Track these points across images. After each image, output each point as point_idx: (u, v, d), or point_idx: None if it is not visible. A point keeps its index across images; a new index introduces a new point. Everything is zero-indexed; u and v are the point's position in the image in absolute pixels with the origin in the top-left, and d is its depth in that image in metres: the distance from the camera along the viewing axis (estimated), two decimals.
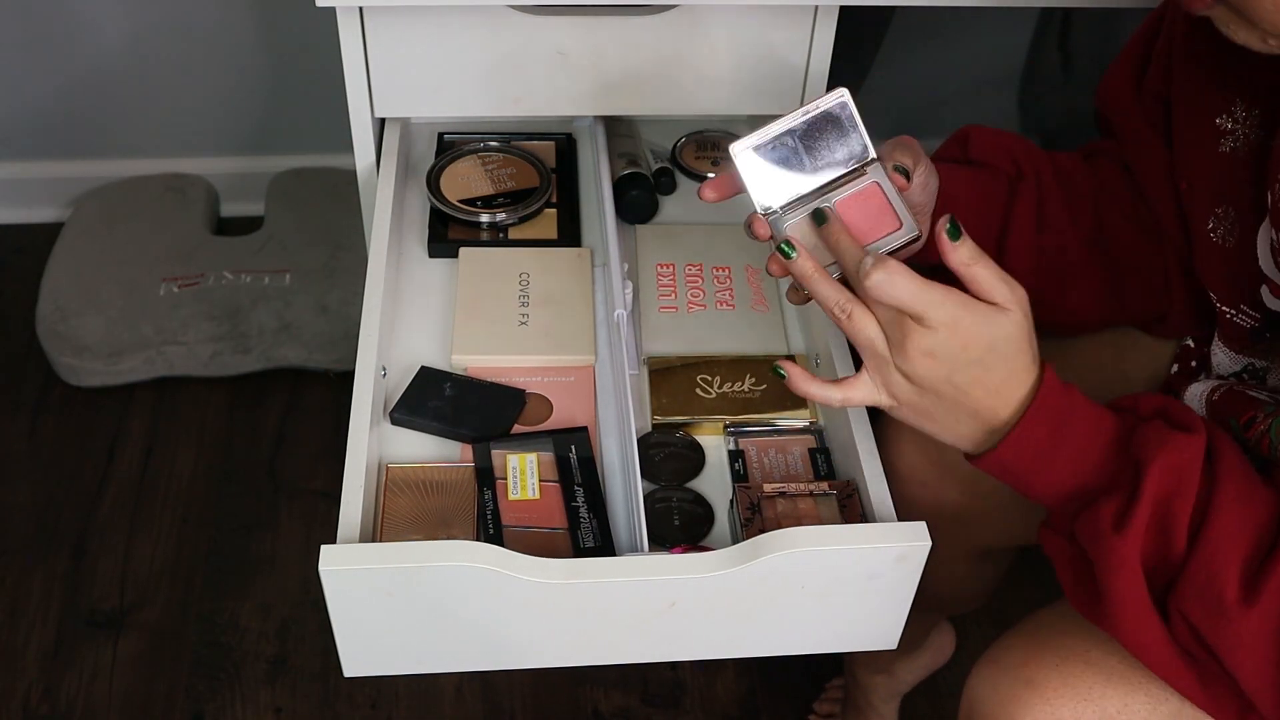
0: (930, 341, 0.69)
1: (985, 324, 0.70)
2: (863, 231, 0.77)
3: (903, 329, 0.70)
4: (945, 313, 0.69)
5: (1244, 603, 0.67)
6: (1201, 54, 0.82)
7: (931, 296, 0.69)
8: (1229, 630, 0.68)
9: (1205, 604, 0.69)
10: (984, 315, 0.70)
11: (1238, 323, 0.84)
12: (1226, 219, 0.82)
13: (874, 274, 0.69)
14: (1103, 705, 0.76)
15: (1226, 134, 0.81)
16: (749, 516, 0.85)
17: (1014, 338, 0.71)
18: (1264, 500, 0.70)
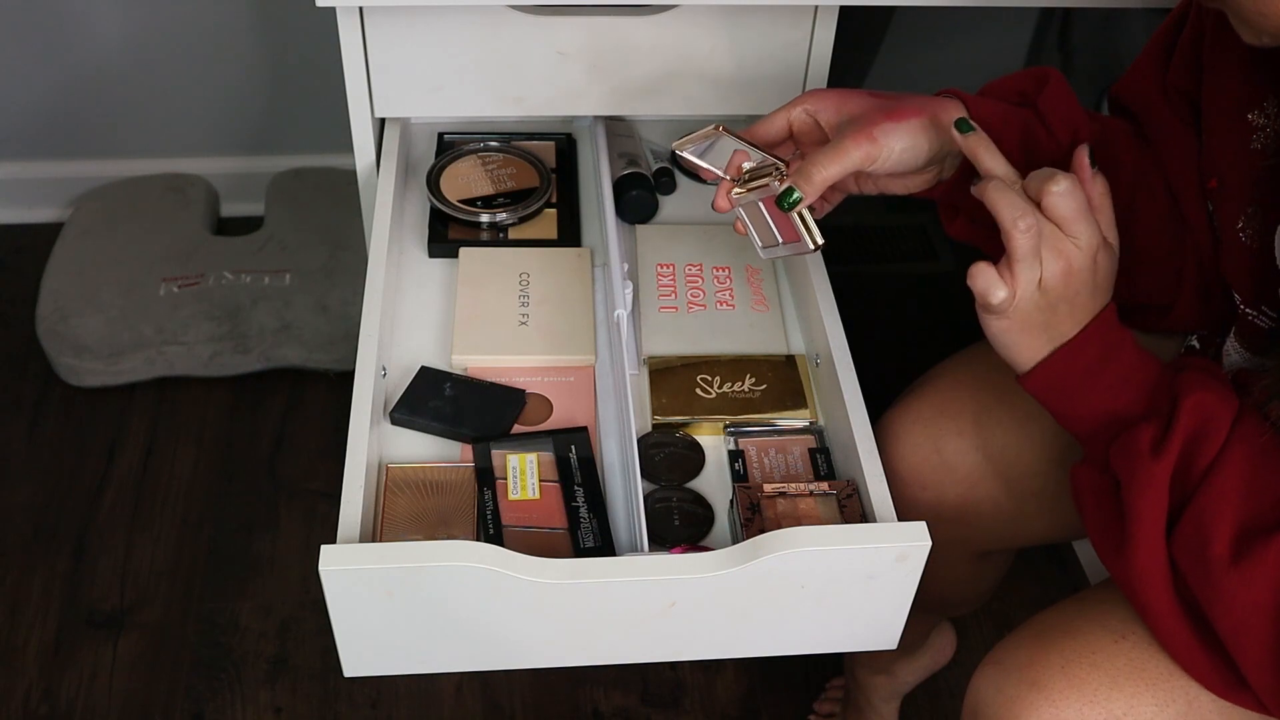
0: (1073, 256, 0.74)
1: (1110, 258, 0.77)
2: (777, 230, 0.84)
3: (1056, 240, 0.74)
4: (1090, 238, 0.74)
5: (1229, 561, 0.69)
6: (1233, 49, 0.81)
7: (1086, 214, 0.74)
8: (1209, 584, 0.70)
9: (1192, 552, 0.71)
10: (1109, 251, 0.76)
11: (1258, 323, 0.84)
12: (1256, 218, 0.82)
13: (1061, 182, 0.73)
14: (1109, 707, 0.75)
15: (1258, 130, 0.80)
16: (749, 516, 0.85)
17: (1114, 271, 0.77)
18: (1272, 467, 0.71)
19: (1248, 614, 0.70)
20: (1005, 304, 0.75)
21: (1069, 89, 0.88)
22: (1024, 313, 0.75)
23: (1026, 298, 0.75)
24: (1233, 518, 0.70)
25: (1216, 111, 0.84)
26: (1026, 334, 0.76)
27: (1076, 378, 0.77)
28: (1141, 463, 0.73)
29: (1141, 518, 0.73)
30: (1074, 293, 0.75)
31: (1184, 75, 0.87)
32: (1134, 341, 0.78)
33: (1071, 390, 0.77)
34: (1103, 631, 0.78)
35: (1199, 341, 0.95)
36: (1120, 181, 0.88)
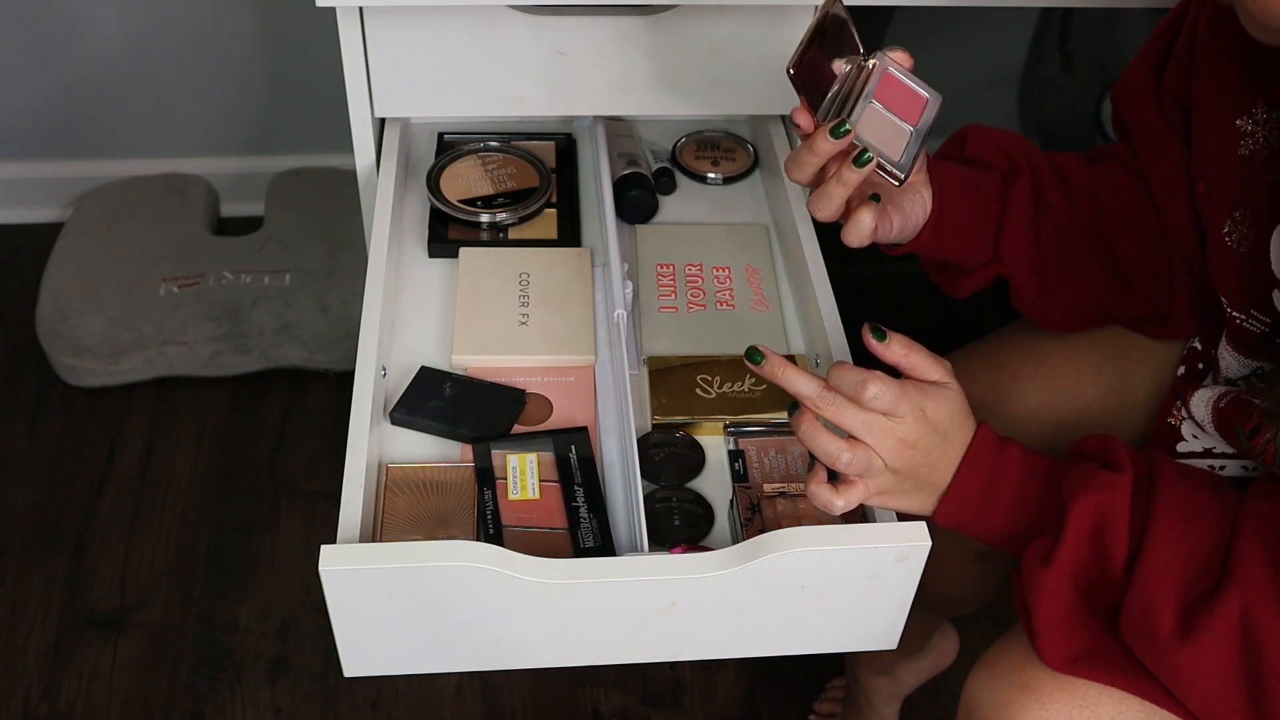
0: (905, 432, 0.76)
1: (942, 402, 0.77)
2: (904, 114, 0.81)
3: (883, 429, 0.76)
4: (910, 404, 0.75)
5: (1179, 637, 0.70)
6: (1225, 55, 0.81)
7: (900, 392, 0.75)
8: (1167, 663, 0.72)
9: (1143, 638, 0.72)
10: (937, 395, 0.77)
11: (1248, 328, 0.84)
12: (1243, 223, 0.82)
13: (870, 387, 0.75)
14: (1098, 711, 0.76)
15: (1247, 136, 0.81)
16: (749, 516, 0.85)
17: (962, 406, 0.78)
18: (1204, 532, 0.73)
19: (1212, 687, 0.71)
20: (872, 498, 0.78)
21: (988, 128, 0.92)
22: (889, 490, 0.78)
23: (881, 483, 0.77)
24: (1173, 594, 0.71)
25: (1206, 116, 0.84)
26: (908, 498, 0.79)
27: (969, 513, 0.79)
28: (1035, 574, 0.75)
29: (1038, 622, 0.75)
30: (925, 452, 0.77)
31: (1178, 80, 0.87)
32: (1017, 456, 0.78)
33: (971, 520, 0.79)
34: None
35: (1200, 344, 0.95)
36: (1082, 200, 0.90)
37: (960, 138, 0.92)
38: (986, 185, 0.88)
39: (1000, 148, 0.90)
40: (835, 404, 0.75)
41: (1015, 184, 0.89)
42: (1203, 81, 0.84)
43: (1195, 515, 0.74)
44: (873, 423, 0.76)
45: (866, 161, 0.78)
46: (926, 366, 0.78)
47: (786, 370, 0.77)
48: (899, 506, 0.80)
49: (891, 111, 0.81)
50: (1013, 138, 0.91)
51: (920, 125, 0.82)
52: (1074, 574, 0.74)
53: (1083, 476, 0.76)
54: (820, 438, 0.76)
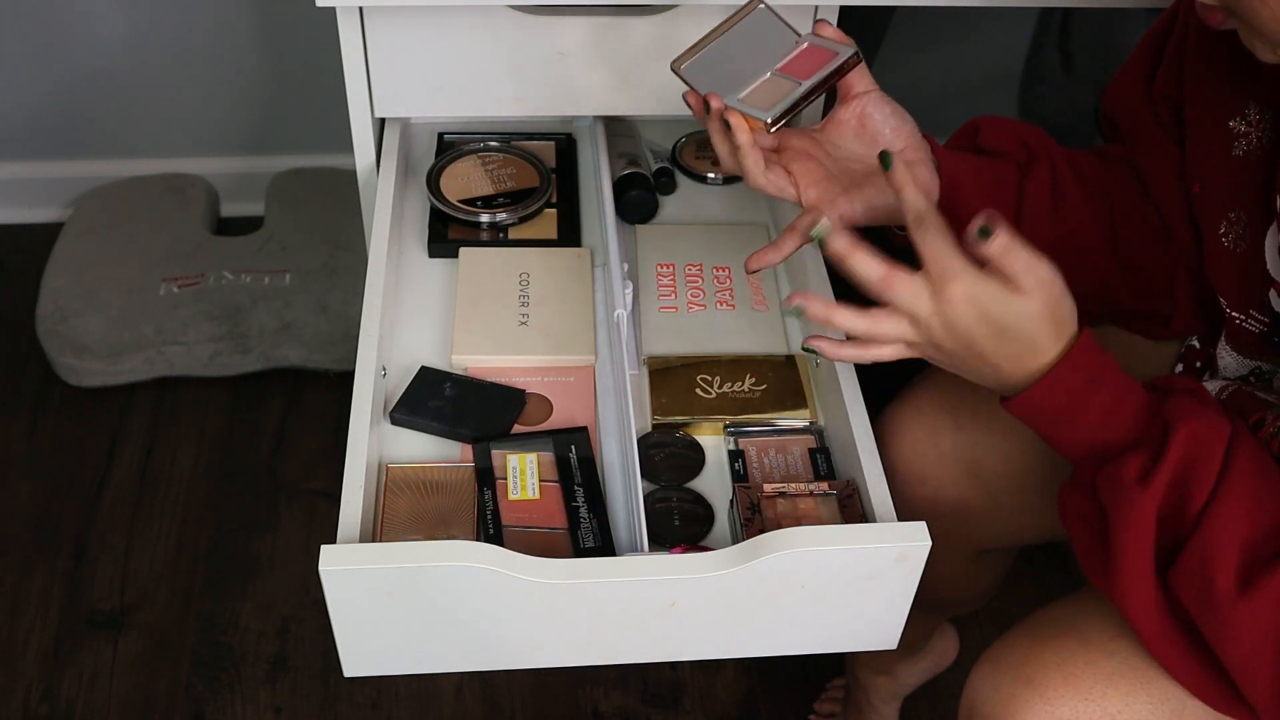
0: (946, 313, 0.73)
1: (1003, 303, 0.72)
2: (806, 71, 0.85)
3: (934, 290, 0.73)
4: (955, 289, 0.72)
5: (1236, 593, 0.69)
6: (1216, 56, 0.81)
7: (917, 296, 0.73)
8: (1216, 618, 0.70)
9: (1196, 587, 0.70)
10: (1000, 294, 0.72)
11: (1246, 328, 0.84)
12: (1239, 223, 0.82)
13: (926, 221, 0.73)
14: (1104, 705, 0.76)
15: (1240, 137, 0.81)
16: (749, 516, 0.85)
17: (1033, 316, 0.73)
18: (1273, 494, 0.71)
19: (1257, 644, 0.69)
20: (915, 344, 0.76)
21: (1001, 118, 0.91)
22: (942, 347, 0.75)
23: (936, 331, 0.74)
24: (1236, 550, 0.69)
25: (1199, 118, 0.84)
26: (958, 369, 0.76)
27: (1060, 406, 0.75)
28: (1128, 494, 0.72)
29: (1127, 550, 0.72)
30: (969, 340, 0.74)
31: (1170, 82, 0.87)
32: (1117, 368, 0.76)
33: (1057, 417, 0.76)
34: (1098, 630, 0.78)
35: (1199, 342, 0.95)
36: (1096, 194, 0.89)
37: (972, 129, 0.91)
38: (1003, 175, 0.87)
39: (1017, 137, 0.89)
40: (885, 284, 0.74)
41: (1033, 174, 0.88)
42: (1195, 83, 0.84)
43: (1269, 482, 0.72)
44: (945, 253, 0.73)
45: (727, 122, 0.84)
46: (1017, 268, 0.72)
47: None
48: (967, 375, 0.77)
49: (789, 75, 0.86)
50: (1030, 128, 0.90)
51: (814, 79, 0.85)
52: (1162, 501, 0.71)
53: (1190, 406, 0.73)
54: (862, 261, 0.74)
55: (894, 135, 0.85)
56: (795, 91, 0.85)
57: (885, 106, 0.86)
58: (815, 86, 0.84)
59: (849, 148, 0.87)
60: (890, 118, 0.85)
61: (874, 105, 0.86)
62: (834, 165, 0.87)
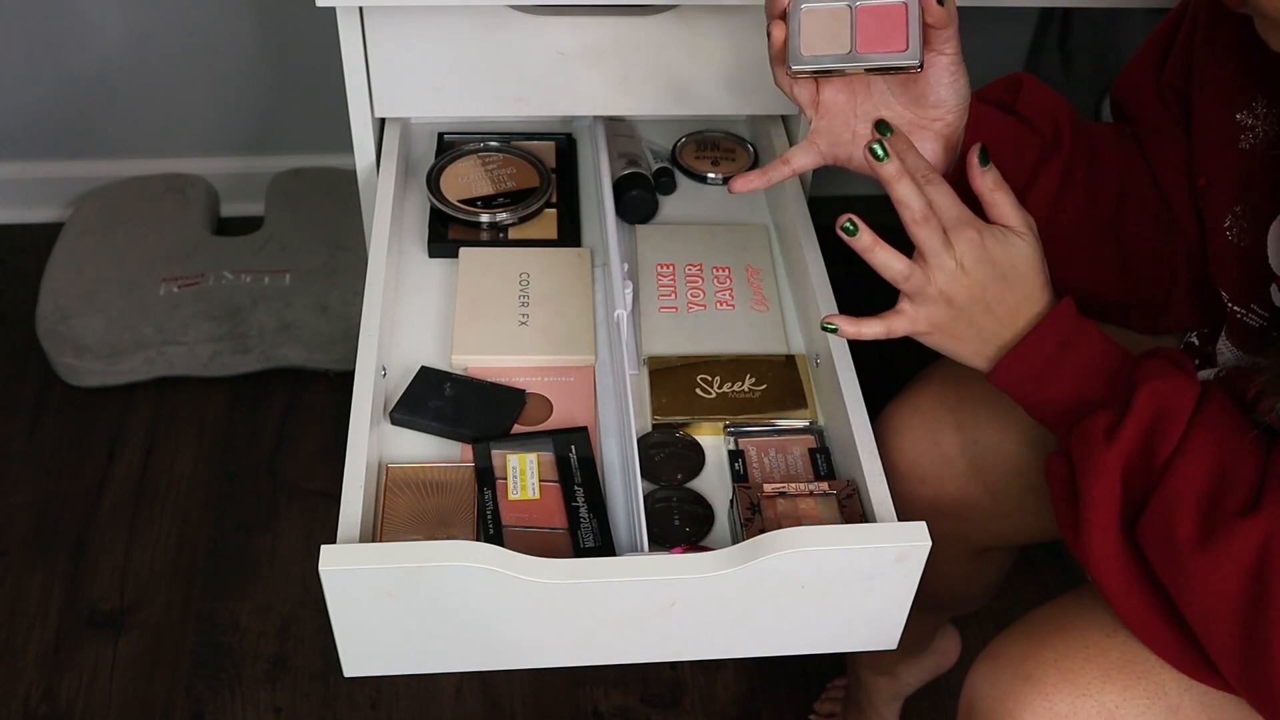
0: (961, 255, 0.77)
1: (1005, 244, 0.78)
2: (869, 41, 0.81)
3: (943, 249, 0.77)
4: (974, 228, 0.77)
5: (1195, 543, 0.70)
6: (1224, 49, 0.81)
7: (968, 215, 0.77)
8: (1176, 568, 0.71)
9: (1159, 539, 0.72)
10: (1002, 236, 0.78)
11: (1247, 322, 0.84)
12: (1243, 217, 0.82)
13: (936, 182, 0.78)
14: (1101, 700, 0.76)
15: (1247, 130, 0.81)
16: (749, 516, 0.85)
17: (1030, 258, 0.79)
18: (1239, 456, 0.72)
19: (1214, 601, 0.70)
20: (922, 329, 0.79)
21: (1044, 85, 0.89)
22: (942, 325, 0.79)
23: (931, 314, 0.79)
24: (1197, 502, 0.71)
25: (1206, 110, 0.84)
26: (960, 341, 0.80)
27: (1037, 368, 0.78)
28: (1094, 448, 0.74)
29: (1093, 502, 0.74)
30: (981, 286, 0.78)
31: (1178, 74, 0.87)
32: (1097, 332, 0.79)
33: (1033, 381, 0.79)
34: (1096, 626, 0.78)
35: (1198, 339, 0.95)
36: (1107, 184, 0.89)
37: (1014, 84, 0.89)
38: (1024, 149, 0.87)
39: (1051, 114, 0.88)
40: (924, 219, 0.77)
41: (1050, 161, 0.87)
42: (1202, 76, 0.84)
43: (1234, 438, 0.73)
44: (934, 242, 0.77)
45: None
46: (1008, 209, 0.79)
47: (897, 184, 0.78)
48: (950, 349, 0.80)
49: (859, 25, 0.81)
50: (1065, 108, 0.89)
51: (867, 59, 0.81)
52: (1127, 458, 0.73)
53: (1158, 367, 0.76)
54: (880, 251, 0.78)
55: (936, 105, 0.83)
56: (839, 57, 0.81)
57: (946, 76, 0.82)
58: (860, 66, 0.81)
59: (889, 95, 0.85)
60: (945, 89, 0.83)
61: (939, 71, 0.82)
62: (865, 103, 0.85)
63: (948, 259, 0.77)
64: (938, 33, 0.80)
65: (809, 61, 0.81)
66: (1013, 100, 0.88)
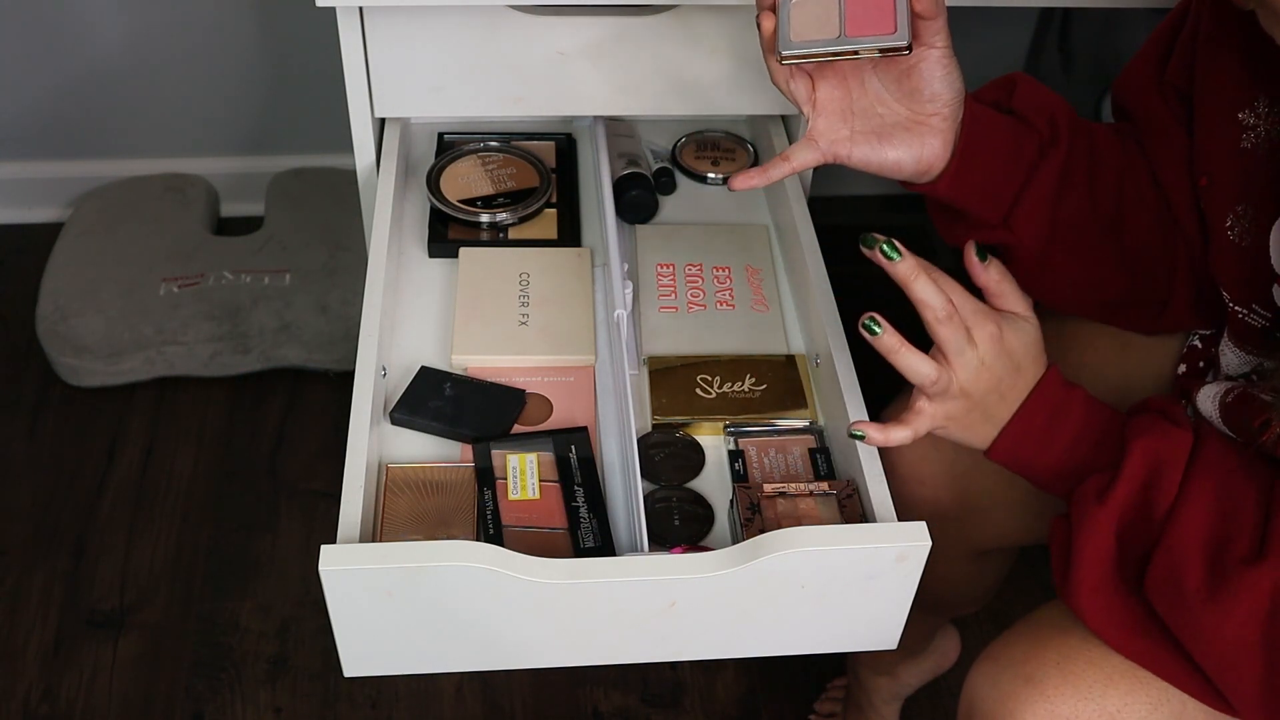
0: (983, 354, 0.78)
1: (1019, 333, 0.79)
2: (857, 23, 0.80)
3: (967, 348, 0.78)
4: (993, 325, 0.78)
5: (1206, 594, 0.70)
6: (1226, 48, 0.81)
7: (987, 312, 0.78)
8: (1189, 620, 0.71)
9: (1167, 593, 0.72)
10: (1015, 324, 0.79)
11: (1249, 322, 0.84)
12: (1245, 217, 0.82)
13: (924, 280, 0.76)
14: (1103, 703, 0.76)
15: (1249, 129, 0.81)
16: (749, 516, 0.85)
17: (1037, 341, 0.80)
18: (1243, 499, 0.72)
19: (1232, 650, 0.70)
20: (940, 426, 0.80)
21: (1040, 84, 0.89)
22: (959, 419, 0.80)
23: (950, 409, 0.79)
24: (1203, 552, 0.71)
25: (1208, 110, 0.84)
26: (971, 430, 0.81)
27: (1030, 442, 0.80)
28: (1086, 509, 0.75)
29: (1083, 560, 0.75)
30: (997, 379, 0.78)
31: (1181, 73, 0.87)
32: (1083, 398, 0.80)
33: (1029, 454, 0.80)
34: None
35: (1201, 341, 0.95)
36: (1106, 181, 0.89)
37: (1009, 84, 0.89)
38: (1022, 147, 0.86)
39: (1048, 113, 0.87)
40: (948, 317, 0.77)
41: (1049, 156, 0.86)
42: (1204, 75, 0.84)
43: (1237, 481, 0.74)
44: (959, 340, 0.77)
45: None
46: (1014, 297, 0.80)
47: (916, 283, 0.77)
48: (961, 437, 0.81)
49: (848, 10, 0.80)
50: (1062, 105, 0.88)
51: (856, 41, 0.80)
52: (1120, 515, 0.74)
53: (1148, 423, 0.76)
54: (906, 354, 0.78)
55: (931, 99, 0.82)
56: (829, 42, 0.80)
57: (938, 69, 0.81)
58: (850, 50, 0.80)
59: (884, 92, 0.84)
60: (938, 82, 0.82)
61: (930, 64, 0.81)
62: (860, 100, 0.84)
63: (971, 356, 0.77)
64: (927, 24, 0.79)
65: (799, 47, 0.81)
66: (1008, 100, 0.88)
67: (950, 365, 0.77)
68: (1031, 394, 0.79)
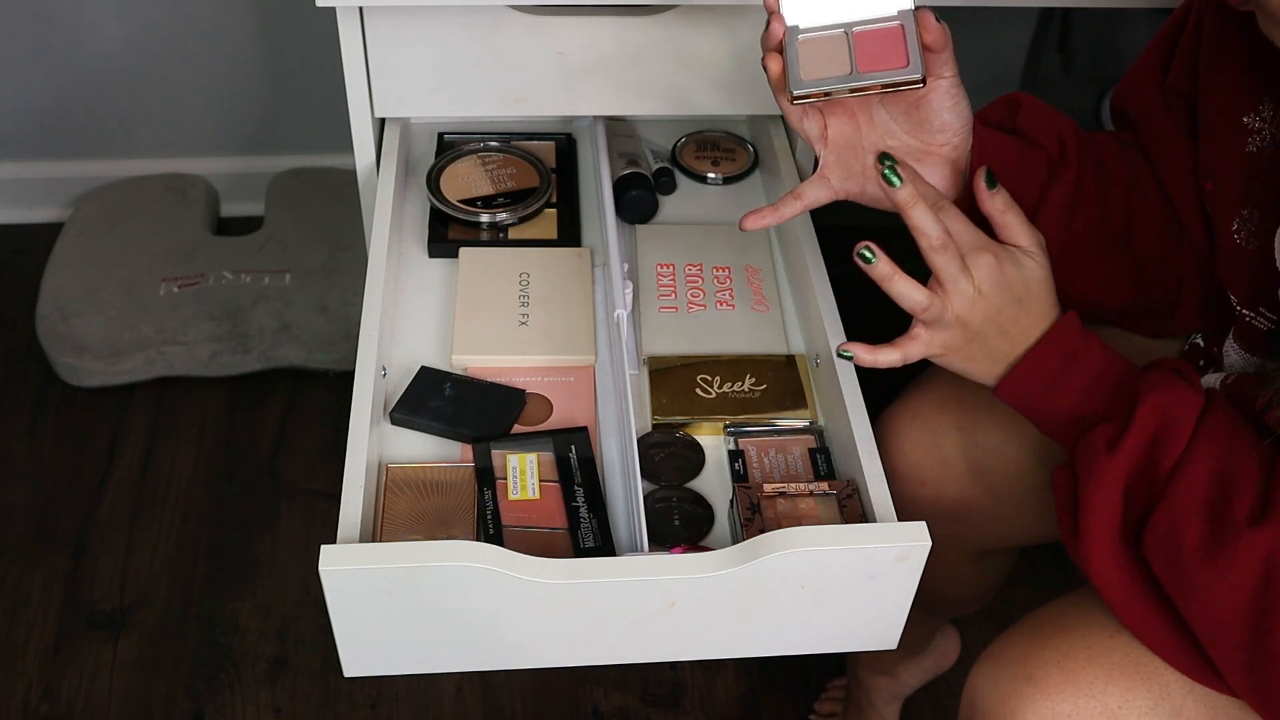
0: (979, 280, 0.77)
1: (1019, 267, 0.78)
2: (869, 61, 0.80)
3: (961, 275, 0.77)
4: (990, 252, 0.77)
5: (1202, 553, 0.70)
6: (1231, 52, 0.81)
7: (983, 240, 0.78)
8: (1182, 578, 0.71)
9: (1165, 550, 0.72)
10: (1016, 258, 0.79)
11: (1255, 325, 0.84)
12: (1250, 221, 0.82)
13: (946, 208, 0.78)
14: (1104, 701, 0.76)
15: (1253, 133, 0.81)
16: (749, 516, 0.85)
17: (1043, 279, 0.79)
18: (1246, 464, 0.72)
19: (1221, 612, 0.70)
20: (937, 352, 0.79)
21: (1043, 103, 0.89)
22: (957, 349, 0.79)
23: (946, 338, 0.79)
24: (1203, 511, 0.71)
25: (1213, 114, 0.84)
26: (974, 362, 0.80)
27: (1042, 383, 0.79)
28: (1095, 458, 0.75)
29: (1093, 510, 0.74)
30: (996, 309, 0.78)
31: (1183, 78, 0.87)
32: (1100, 346, 0.79)
33: (1038, 395, 0.79)
34: (1098, 626, 0.78)
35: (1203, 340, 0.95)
36: (1115, 195, 0.89)
37: (1012, 104, 0.89)
38: (1032, 168, 0.86)
39: (1055, 133, 0.88)
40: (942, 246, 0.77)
41: (1060, 177, 0.86)
42: (1208, 79, 0.84)
43: (1241, 444, 0.73)
44: (952, 268, 0.76)
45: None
46: (1019, 229, 0.79)
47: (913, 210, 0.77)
48: (962, 369, 0.80)
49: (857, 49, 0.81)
50: (1068, 124, 0.89)
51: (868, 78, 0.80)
52: (1129, 468, 0.74)
53: (1162, 379, 0.76)
54: (899, 281, 0.77)
55: (941, 129, 0.83)
56: (841, 79, 0.80)
57: (948, 99, 0.82)
58: (863, 86, 0.80)
59: (892, 124, 0.84)
60: (947, 112, 0.82)
61: (940, 95, 0.82)
62: (870, 134, 0.85)
63: (966, 285, 0.77)
64: (935, 56, 0.80)
65: (810, 85, 0.81)
66: (1012, 121, 0.89)
67: (945, 292, 0.77)
68: (1045, 336, 0.78)
